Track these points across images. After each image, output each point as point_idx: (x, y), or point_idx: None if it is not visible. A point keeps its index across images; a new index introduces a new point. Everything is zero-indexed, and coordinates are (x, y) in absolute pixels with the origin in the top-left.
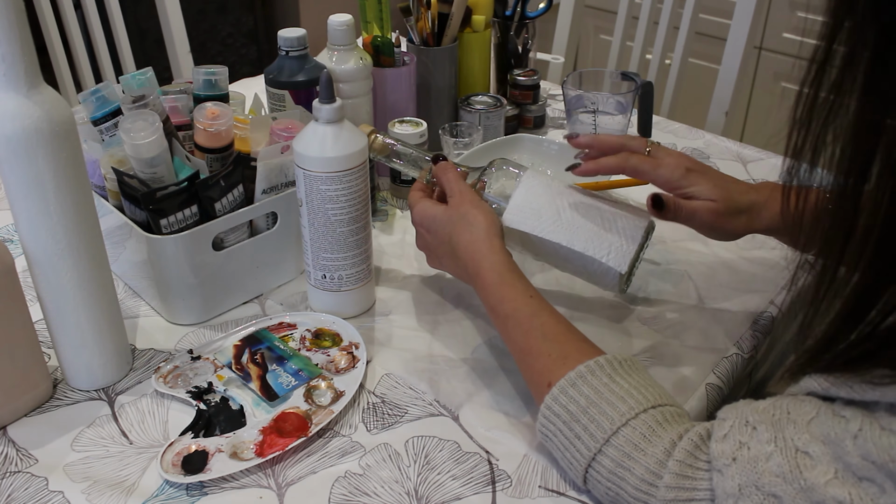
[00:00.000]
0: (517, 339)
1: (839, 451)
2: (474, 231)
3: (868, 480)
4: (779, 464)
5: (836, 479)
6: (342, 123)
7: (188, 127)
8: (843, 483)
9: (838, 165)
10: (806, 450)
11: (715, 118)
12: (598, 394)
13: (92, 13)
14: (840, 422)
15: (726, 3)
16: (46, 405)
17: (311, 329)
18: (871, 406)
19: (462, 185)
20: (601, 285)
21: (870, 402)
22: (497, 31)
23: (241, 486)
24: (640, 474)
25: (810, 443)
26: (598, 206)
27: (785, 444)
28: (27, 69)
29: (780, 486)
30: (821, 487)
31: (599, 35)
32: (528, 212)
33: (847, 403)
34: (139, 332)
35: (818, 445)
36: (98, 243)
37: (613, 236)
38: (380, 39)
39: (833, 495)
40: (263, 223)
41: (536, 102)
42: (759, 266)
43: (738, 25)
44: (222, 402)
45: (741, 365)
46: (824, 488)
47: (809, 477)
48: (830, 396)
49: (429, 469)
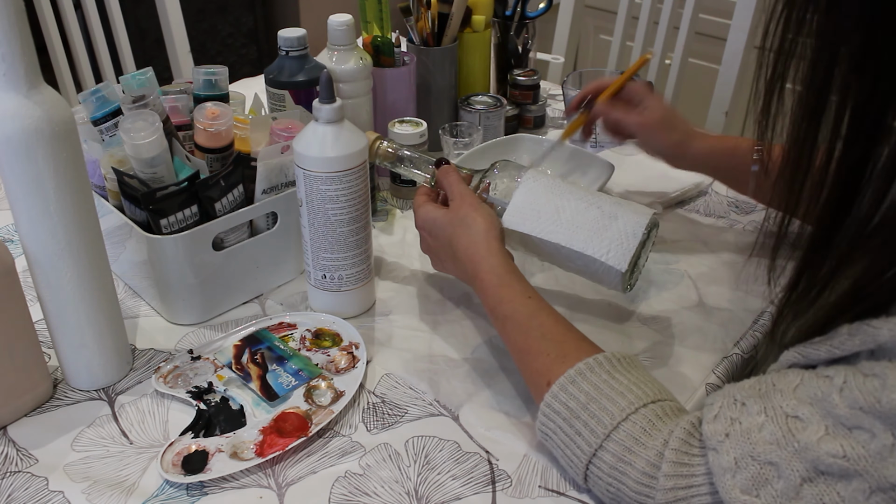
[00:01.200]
0: (516, 340)
1: (827, 406)
2: (473, 234)
3: (858, 428)
4: (771, 431)
5: (827, 434)
6: (342, 123)
7: (188, 127)
8: (835, 437)
9: (794, 116)
10: (795, 414)
11: (715, 118)
12: (598, 390)
13: (92, 13)
14: (825, 381)
15: (726, 3)
16: (46, 405)
17: (311, 329)
18: (852, 359)
19: (463, 188)
20: (605, 284)
21: (850, 356)
22: (497, 31)
23: (241, 486)
24: (641, 468)
25: (798, 406)
26: (599, 205)
27: (775, 412)
28: (27, 69)
29: (774, 452)
30: (814, 446)
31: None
32: (527, 212)
33: (829, 364)
34: (139, 332)
35: (806, 407)
36: (98, 243)
37: (614, 234)
38: (380, 39)
39: (826, 451)
40: (263, 223)
41: (536, 102)
42: (759, 266)
43: (738, 25)
44: (222, 402)
45: (741, 365)
46: (817, 446)
47: (802, 438)
48: (811, 363)
49: (429, 469)
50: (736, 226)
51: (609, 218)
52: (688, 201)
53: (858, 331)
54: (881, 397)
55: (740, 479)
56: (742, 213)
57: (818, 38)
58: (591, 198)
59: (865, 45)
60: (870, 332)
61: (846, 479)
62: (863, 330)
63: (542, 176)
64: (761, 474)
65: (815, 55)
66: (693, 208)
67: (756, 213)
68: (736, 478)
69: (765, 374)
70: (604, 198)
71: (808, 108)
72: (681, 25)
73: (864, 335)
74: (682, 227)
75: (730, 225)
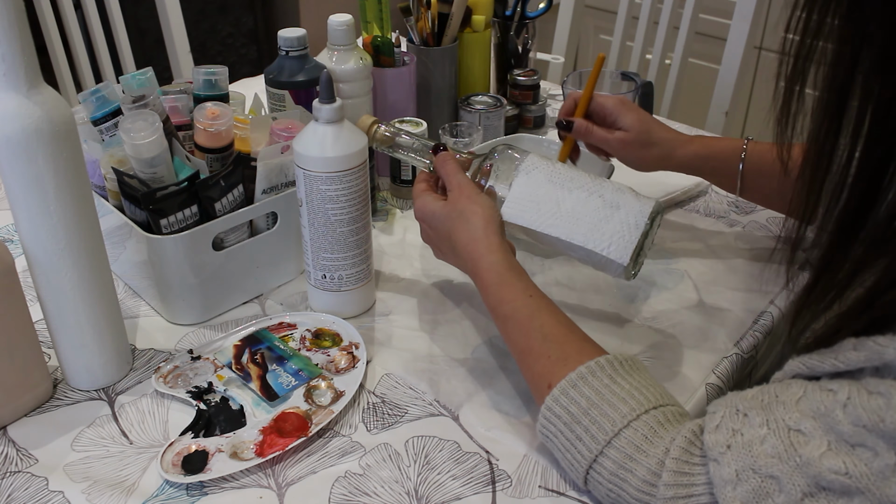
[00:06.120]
0: (517, 341)
1: (830, 422)
2: (472, 229)
3: (861, 446)
4: (773, 445)
5: (829, 450)
6: (342, 123)
7: (188, 127)
8: (838, 453)
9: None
10: (798, 427)
11: (715, 118)
12: (599, 395)
13: (92, 13)
14: (828, 395)
15: (726, 3)
16: (46, 405)
17: (311, 329)
18: (857, 374)
19: (460, 178)
20: (609, 273)
21: (855, 371)
22: (497, 31)
23: (241, 486)
24: (642, 475)
25: (801, 420)
26: (602, 193)
27: (777, 425)
28: (27, 69)
29: (776, 466)
30: (816, 461)
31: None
32: (526, 204)
33: (833, 377)
34: (139, 332)
35: (809, 421)
36: (98, 243)
37: (615, 226)
38: (380, 39)
39: (829, 467)
40: (263, 223)
41: (536, 102)
42: (759, 266)
43: (738, 25)
44: (222, 402)
45: (741, 365)
46: (819, 461)
47: (804, 453)
48: (815, 375)
49: (429, 469)
50: (736, 226)
51: (611, 208)
52: (688, 201)
53: (864, 347)
54: (885, 416)
55: (741, 492)
56: (742, 213)
57: (840, 40)
58: (593, 185)
59: (888, 46)
60: (875, 350)
61: (847, 497)
62: (868, 346)
63: (542, 162)
64: (762, 488)
65: (835, 57)
66: (693, 208)
67: (756, 213)
68: (737, 490)
69: (768, 382)
70: (606, 185)
71: (829, 109)
72: (681, 25)
73: (869, 352)
74: (682, 227)
75: (730, 225)
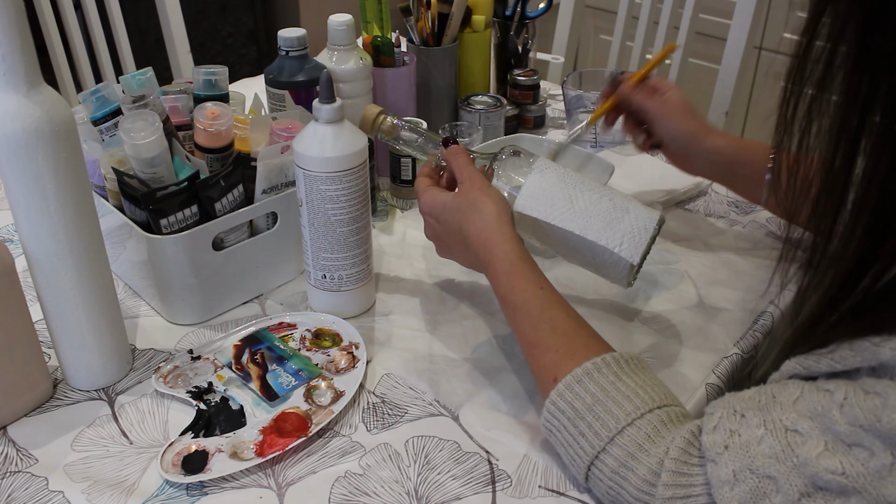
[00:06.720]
0: (526, 332)
1: (827, 422)
2: (485, 218)
3: (858, 446)
4: (770, 445)
5: (826, 450)
6: (342, 123)
7: (188, 127)
8: (834, 453)
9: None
10: (795, 427)
11: (715, 118)
12: (605, 392)
13: (92, 13)
14: (825, 395)
15: (726, 3)
16: (46, 405)
17: (311, 329)
18: (853, 374)
19: (472, 171)
20: (609, 277)
21: (851, 371)
22: (497, 31)
23: (241, 486)
24: (643, 474)
25: (798, 420)
26: (611, 197)
27: (774, 425)
28: (27, 69)
29: (773, 466)
30: (813, 461)
31: (599, 35)
32: (541, 198)
33: (830, 377)
34: (139, 332)
35: (806, 422)
36: (98, 243)
37: (626, 227)
38: (380, 39)
39: (825, 467)
40: (263, 223)
41: (536, 102)
42: (759, 266)
43: (738, 25)
44: (222, 402)
45: (741, 365)
46: (816, 461)
47: (801, 453)
48: (812, 375)
49: (429, 469)
50: (736, 226)
51: (621, 211)
52: (688, 201)
53: (860, 347)
54: (881, 416)
55: (738, 492)
56: (742, 212)
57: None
58: (603, 190)
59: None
60: (871, 350)
61: (844, 497)
62: (864, 347)
63: (554, 164)
64: (759, 488)
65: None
66: (693, 208)
67: (756, 213)
68: (734, 490)
69: (765, 383)
70: (614, 191)
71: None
72: (681, 25)
73: (865, 352)
74: (682, 227)
75: (730, 225)
